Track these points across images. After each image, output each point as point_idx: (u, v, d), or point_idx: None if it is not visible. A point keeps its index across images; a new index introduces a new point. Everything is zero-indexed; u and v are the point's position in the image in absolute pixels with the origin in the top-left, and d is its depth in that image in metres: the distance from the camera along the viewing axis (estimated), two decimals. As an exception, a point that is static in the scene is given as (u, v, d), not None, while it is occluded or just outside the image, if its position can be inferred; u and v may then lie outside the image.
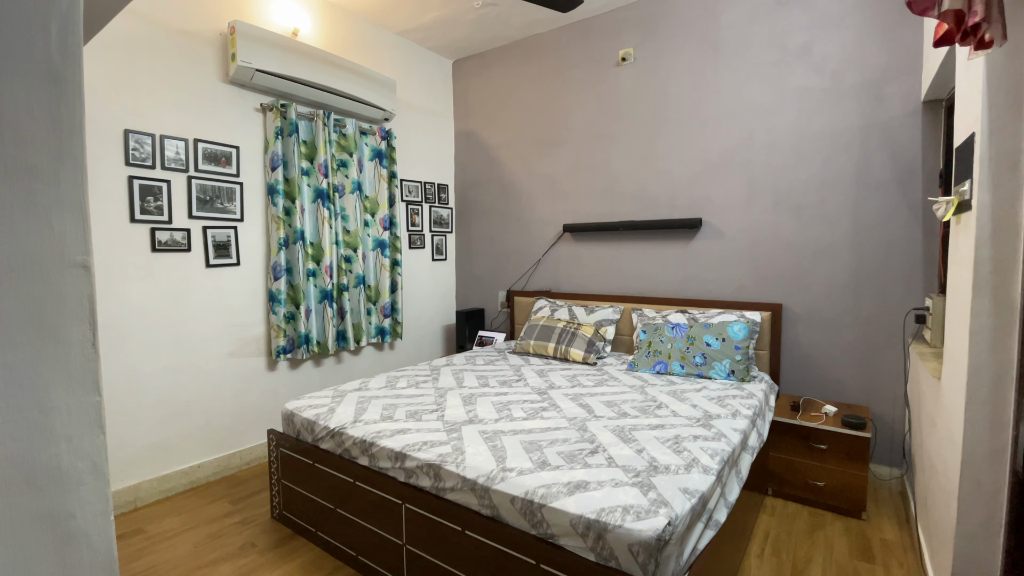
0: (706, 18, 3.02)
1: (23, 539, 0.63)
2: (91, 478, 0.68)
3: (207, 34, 2.66)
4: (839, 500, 2.31)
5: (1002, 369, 1.35)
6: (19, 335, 0.63)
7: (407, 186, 3.87)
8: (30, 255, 0.64)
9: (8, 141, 0.63)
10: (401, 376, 2.70)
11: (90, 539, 0.68)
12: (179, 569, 1.94)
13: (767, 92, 2.84)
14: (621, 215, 3.40)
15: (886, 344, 2.57)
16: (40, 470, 0.64)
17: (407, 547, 1.74)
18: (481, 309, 4.14)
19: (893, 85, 2.50)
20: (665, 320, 2.98)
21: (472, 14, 3.42)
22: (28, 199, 0.64)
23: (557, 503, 1.39)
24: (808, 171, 2.74)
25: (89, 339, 0.69)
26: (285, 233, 2.98)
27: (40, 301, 0.65)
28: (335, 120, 3.22)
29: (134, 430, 2.44)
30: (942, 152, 2.38)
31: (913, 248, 2.49)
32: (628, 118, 3.34)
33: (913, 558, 1.99)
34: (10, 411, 0.62)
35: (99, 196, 2.30)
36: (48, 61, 0.66)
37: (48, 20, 0.66)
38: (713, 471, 1.57)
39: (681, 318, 2.94)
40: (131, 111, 2.39)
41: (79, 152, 0.69)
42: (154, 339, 2.50)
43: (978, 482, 1.40)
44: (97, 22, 1.32)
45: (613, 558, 1.29)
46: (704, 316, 2.88)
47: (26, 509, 0.63)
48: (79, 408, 0.67)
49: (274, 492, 2.28)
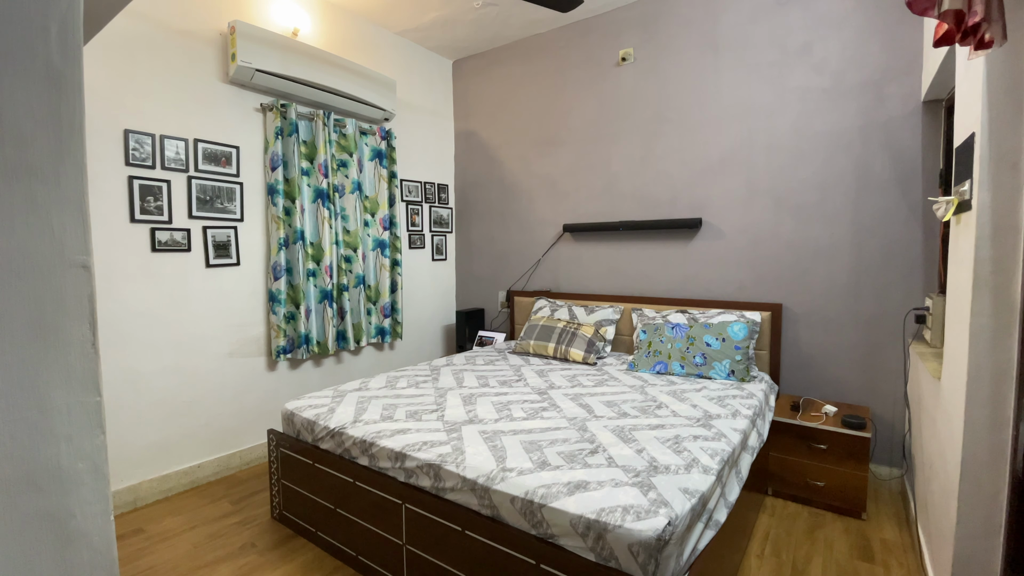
0: (706, 18, 3.02)
1: (23, 539, 0.63)
2: (91, 478, 0.68)
3: (207, 34, 2.66)
4: (839, 500, 2.31)
5: (1002, 369, 1.35)
6: (19, 335, 0.63)
7: (407, 186, 3.87)
8: (30, 255, 0.64)
9: (8, 141, 0.63)
10: (401, 376, 2.69)
11: (90, 539, 0.68)
12: (179, 569, 1.94)
13: (767, 92, 2.84)
14: (621, 215, 3.40)
15: (886, 344, 2.57)
16: (40, 470, 0.64)
17: (407, 547, 1.74)
18: (481, 309, 4.14)
19: (893, 85, 2.50)
20: (665, 320, 2.98)
21: (472, 14, 3.42)
22: (28, 199, 0.64)
23: (557, 503, 1.39)
24: (808, 171, 2.74)
25: (89, 339, 0.68)
26: (285, 233, 2.98)
27: (40, 301, 0.65)
28: (335, 120, 3.22)
29: (134, 430, 2.44)
30: (942, 152, 2.38)
31: (913, 248, 2.49)
32: (628, 118, 3.34)
33: (913, 558, 1.99)
34: (10, 411, 0.62)
35: (99, 196, 2.30)
36: (48, 61, 0.66)
37: (48, 20, 0.66)
38: (713, 471, 1.57)
39: (681, 318, 2.94)
40: (131, 111, 2.39)
41: (79, 152, 0.69)
42: (154, 339, 2.50)
43: (978, 482, 1.40)
44: (97, 22, 1.32)
45: (613, 558, 1.29)
46: (704, 316, 2.88)
47: (26, 509, 0.63)
48: (79, 408, 0.67)
49: (274, 492, 2.28)
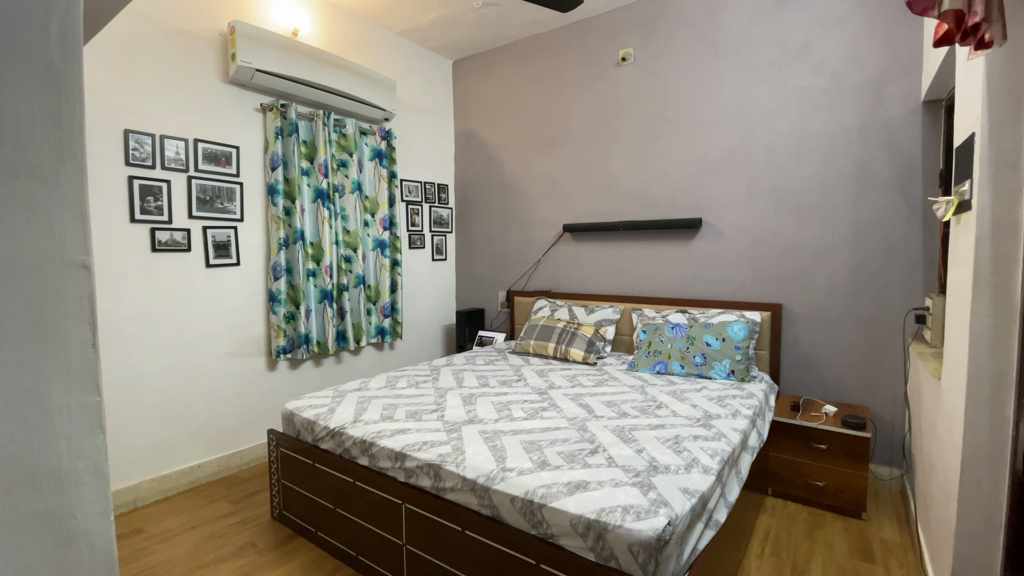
0: (706, 18, 3.02)
1: (23, 539, 0.63)
2: (91, 478, 0.68)
3: (207, 34, 2.66)
4: (839, 500, 2.31)
5: (1002, 369, 1.35)
6: (19, 335, 0.63)
7: (407, 186, 3.87)
8: (30, 255, 0.64)
9: (8, 141, 0.63)
10: (401, 376, 2.69)
11: (90, 539, 0.68)
12: (179, 569, 1.94)
13: (767, 92, 2.84)
14: (621, 215, 3.40)
15: (886, 344, 2.57)
16: (40, 470, 0.64)
17: (407, 547, 1.74)
18: (481, 309, 4.14)
19: (893, 85, 2.50)
20: (665, 320, 2.98)
21: (472, 14, 3.42)
22: (28, 199, 0.64)
23: (557, 503, 1.39)
24: (808, 171, 2.74)
25: (89, 339, 0.68)
26: (285, 233, 2.98)
27: (40, 301, 0.65)
28: (335, 120, 3.22)
29: (134, 430, 2.44)
30: (942, 152, 2.38)
31: (913, 248, 2.49)
32: (628, 118, 3.34)
33: (913, 558, 1.99)
34: (10, 411, 0.62)
35: (99, 196, 2.30)
36: (48, 61, 0.66)
37: (48, 20, 0.66)
38: (713, 471, 1.57)
39: (681, 318, 2.94)
40: (131, 111, 2.39)
41: (79, 152, 0.69)
42: (154, 339, 2.51)
43: (978, 482, 1.40)
44: (97, 22, 1.32)
45: (613, 558, 1.29)
46: (704, 316, 2.88)
47: (26, 509, 0.63)
48: (79, 408, 0.67)
49: (274, 492, 2.28)
